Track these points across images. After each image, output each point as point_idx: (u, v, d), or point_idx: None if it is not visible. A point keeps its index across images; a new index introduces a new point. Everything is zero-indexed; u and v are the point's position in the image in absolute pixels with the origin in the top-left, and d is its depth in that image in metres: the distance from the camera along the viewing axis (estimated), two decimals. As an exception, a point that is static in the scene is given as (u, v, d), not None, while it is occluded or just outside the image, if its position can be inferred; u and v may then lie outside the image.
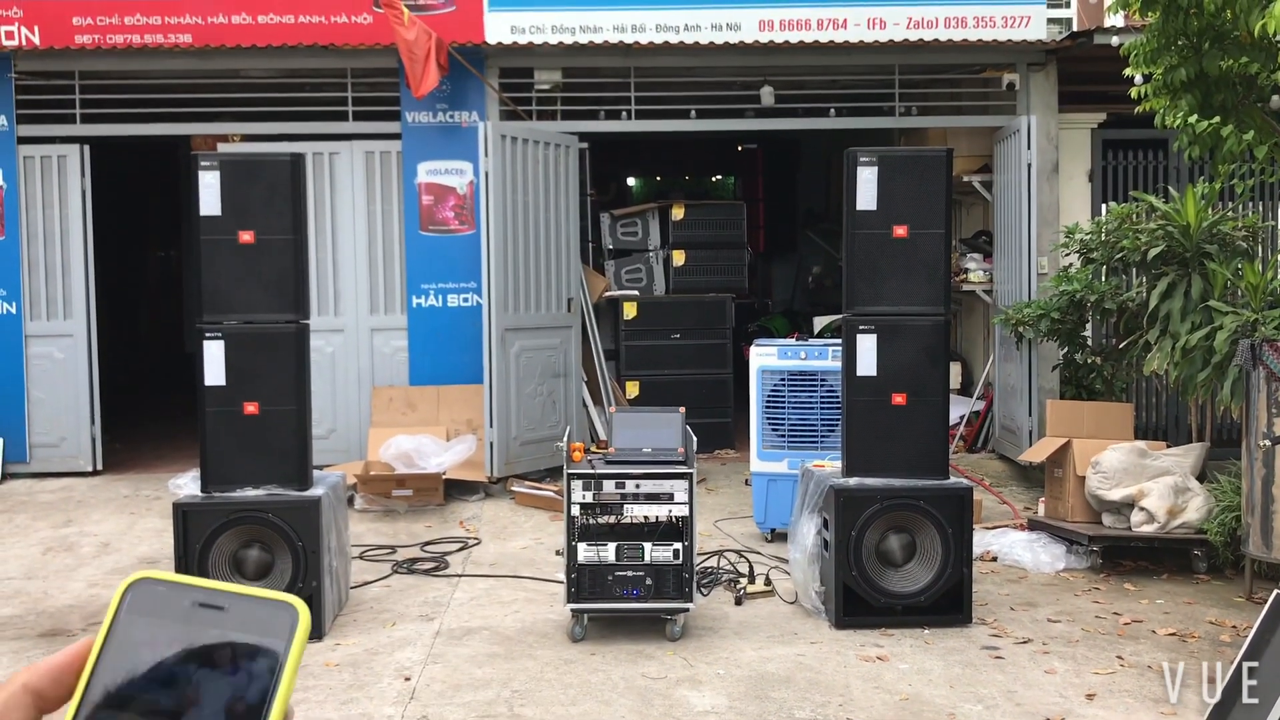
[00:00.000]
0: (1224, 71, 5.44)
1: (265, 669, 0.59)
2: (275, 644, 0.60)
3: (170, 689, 0.58)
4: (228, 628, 0.60)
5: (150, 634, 0.59)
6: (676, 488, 5.01)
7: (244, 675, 0.59)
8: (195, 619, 0.60)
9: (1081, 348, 7.76)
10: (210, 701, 0.58)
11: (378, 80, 8.53)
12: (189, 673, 0.59)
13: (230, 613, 0.60)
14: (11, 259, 8.47)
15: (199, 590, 0.61)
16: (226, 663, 0.59)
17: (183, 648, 0.59)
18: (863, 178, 5.21)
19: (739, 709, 4.26)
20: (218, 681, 0.59)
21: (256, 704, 0.58)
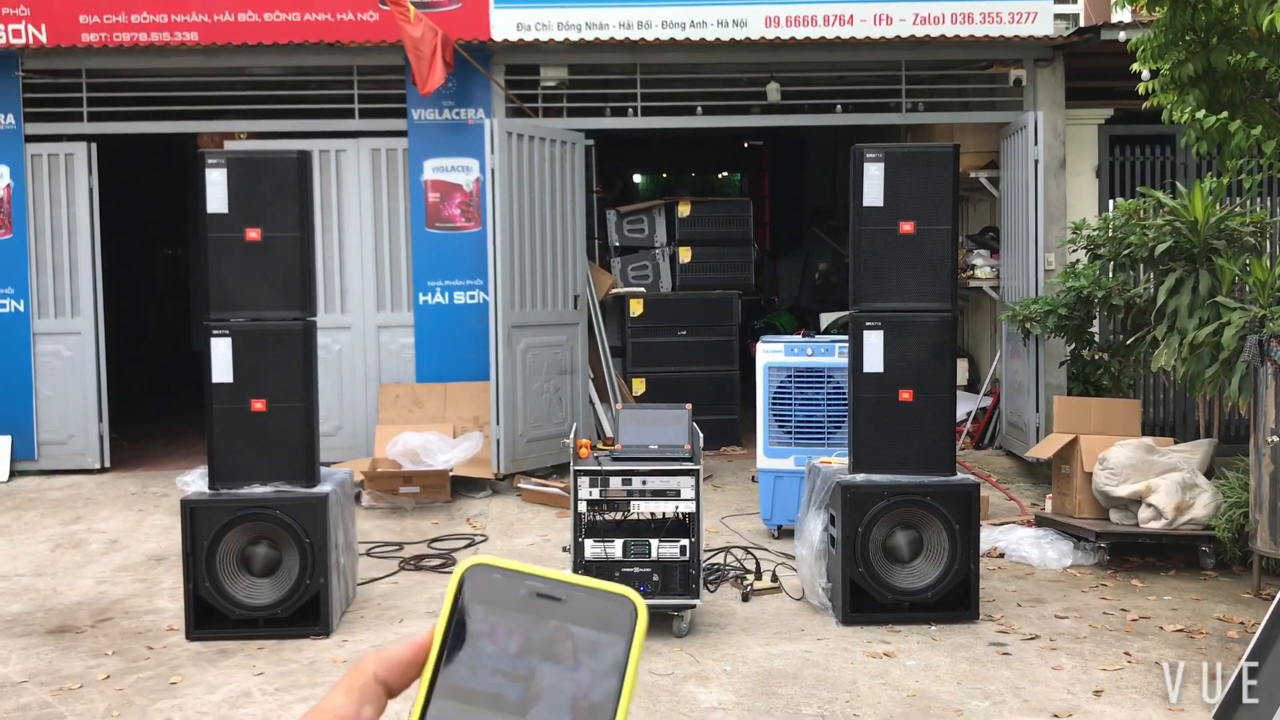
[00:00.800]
0: (1232, 66, 5.43)
1: (608, 666, 0.57)
2: (616, 640, 0.58)
3: (514, 682, 0.57)
4: (567, 620, 0.58)
5: (490, 624, 0.58)
6: (683, 484, 5.01)
7: (586, 671, 0.57)
8: (534, 609, 0.58)
9: (1089, 344, 7.75)
10: (554, 696, 0.56)
11: (384, 77, 8.53)
12: (531, 666, 0.57)
13: (569, 605, 0.58)
14: (19, 257, 8.49)
15: (536, 580, 0.58)
16: (569, 657, 0.57)
17: (524, 639, 0.57)
18: (869, 174, 5.20)
19: (746, 705, 4.26)
20: (561, 676, 0.57)
21: (601, 701, 0.56)
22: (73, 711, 4.24)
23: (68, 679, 4.60)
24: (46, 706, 4.32)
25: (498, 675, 0.57)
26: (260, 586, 5.08)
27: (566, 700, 0.56)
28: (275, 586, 5.06)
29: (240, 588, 5.05)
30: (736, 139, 14.22)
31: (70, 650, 4.97)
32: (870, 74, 8.85)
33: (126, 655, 4.89)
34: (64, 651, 4.95)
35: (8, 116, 8.45)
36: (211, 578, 4.98)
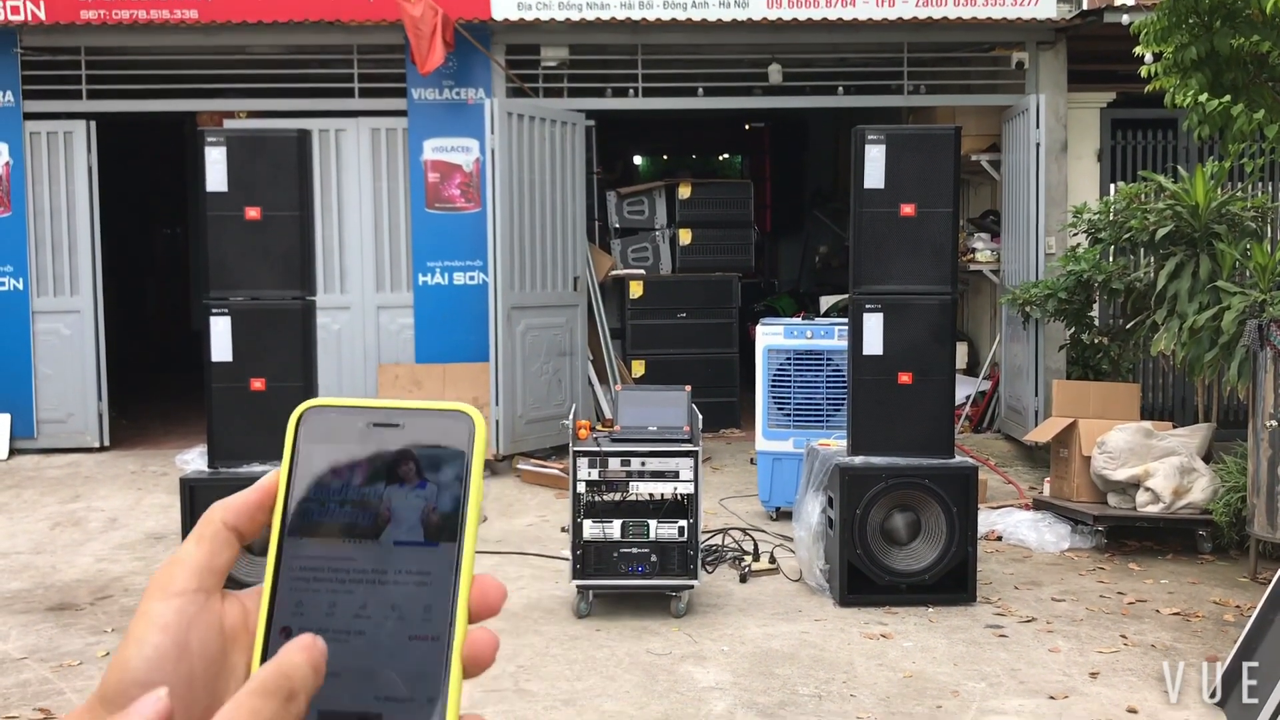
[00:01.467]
0: (1235, 50, 5.41)
1: (451, 477, 0.59)
2: (456, 451, 0.59)
3: (363, 509, 0.58)
4: (407, 443, 0.59)
5: (331, 459, 0.59)
6: (682, 465, 5.01)
7: (432, 486, 0.58)
8: (373, 439, 0.59)
9: (1088, 328, 7.75)
10: (404, 516, 0.58)
11: (384, 57, 8.50)
12: (378, 491, 0.58)
13: (406, 428, 0.59)
14: (18, 235, 8.47)
15: (371, 411, 0.60)
16: (413, 477, 0.59)
17: (367, 468, 0.59)
18: (871, 156, 5.19)
19: (743, 685, 4.27)
20: (408, 495, 0.58)
21: (450, 510, 0.58)
22: (72, 688, 4.26)
23: (67, 655, 4.62)
24: (46, 683, 4.33)
25: (346, 505, 0.58)
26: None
27: (416, 515, 0.58)
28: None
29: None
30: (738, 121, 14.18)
31: (70, 627, 4.98)
32: (872, 56, 8.83)
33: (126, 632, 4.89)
34: (64, 628, 4.97)
35: (6, 94, 8.42)
36: (211, 556, 4.98)
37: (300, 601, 0.57)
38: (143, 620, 0.55)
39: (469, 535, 0.58)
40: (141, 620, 0.55)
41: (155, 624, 0.55)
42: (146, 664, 0.54)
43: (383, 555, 0.58)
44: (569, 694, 4.20)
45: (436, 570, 0.58)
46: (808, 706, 4.08)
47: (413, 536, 0.58)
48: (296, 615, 0.57)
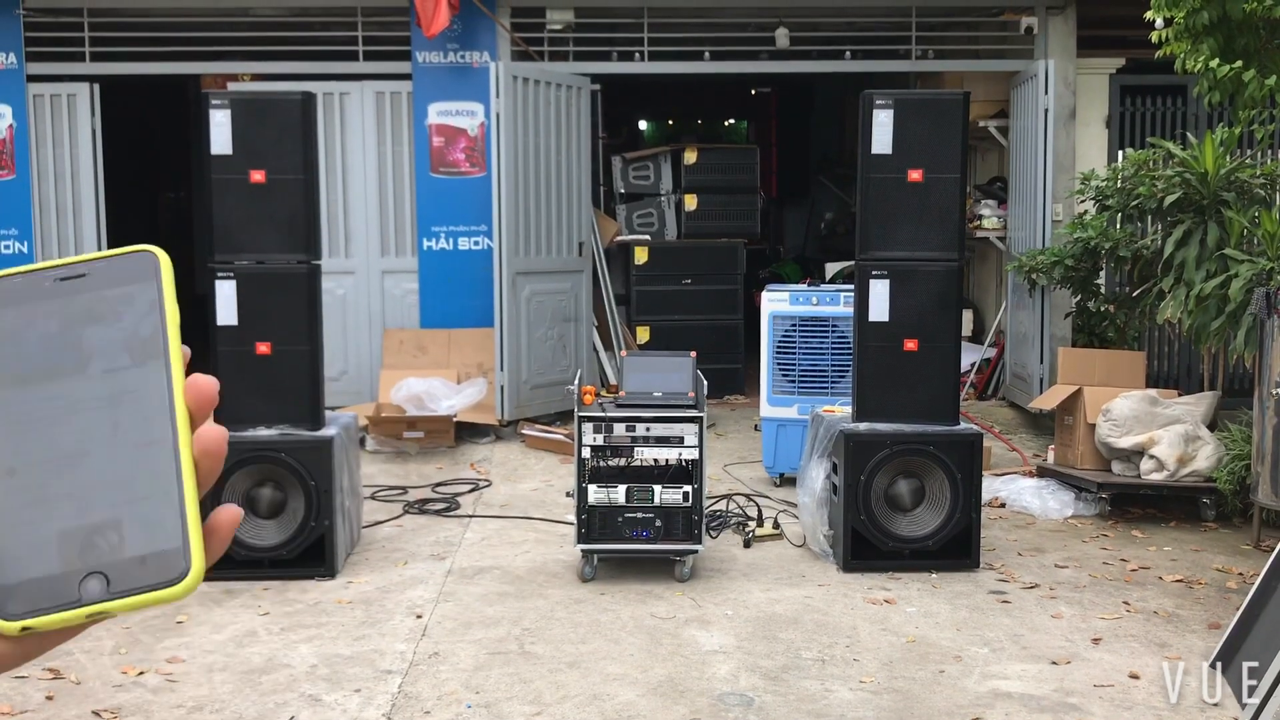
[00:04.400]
0: (1247, 15, 5.35)
1: (145, 307, 0.63)
2: (146, 285, 0.63)
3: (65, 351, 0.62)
4: (96, 288, 0.63)
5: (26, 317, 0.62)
6: (687, 431, 5.02)
7: (129, 318, 0.62)
8: (63, 292, 0.63)
9: (1095, 295, 7.72)
10: (107, 347, 0.62)
11: (388, 19, 8.44)
12: (77, 333, 0.62)
13: (93, 276, 0.63)
14: (22, 198, 8.46)
15: (54, 269, 0.63)
16: (109, 314, 0.62)
17: (61, 318, 0.62)
18: (878, 121, 5.16)
19: (746, 649, 4.30)
20: (107, 330, 0.62)
21: (150, 334, 0.62)
22: (81, 649, 4.29)
23: (75, 617, 4.65)
24: (55, 644, 4.37)
25: (49, 351, 0.62)
26: (265, 528, 5.11)
27: (119, 344, 0.62)
28: (280, 528, 5.09)
29: (246, 529, 5.08)
30: (744, 85, 14.09)
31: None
32: (880, 20, 8.75)
33: (133, 594, 4.93)
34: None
35: (9, 56, 8.38)
36: (217, 519, 5.00)
37: (19, 443, 0.60)
38: None
39: (173, 349, 0.62)
40: None
41: None
42: None
43: (93, 385, 0.61)
44: (574, 657, 4.23)
45: (148, 386, 0.62)
46: (811, 670, 4.11)
47: (120, 362, 0.62)
48: (17, 455, 0.60)
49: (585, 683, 4.00)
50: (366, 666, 4.16)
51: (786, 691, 3.93)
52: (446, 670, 4.12)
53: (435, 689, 3.96)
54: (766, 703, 3.84)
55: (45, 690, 3.95)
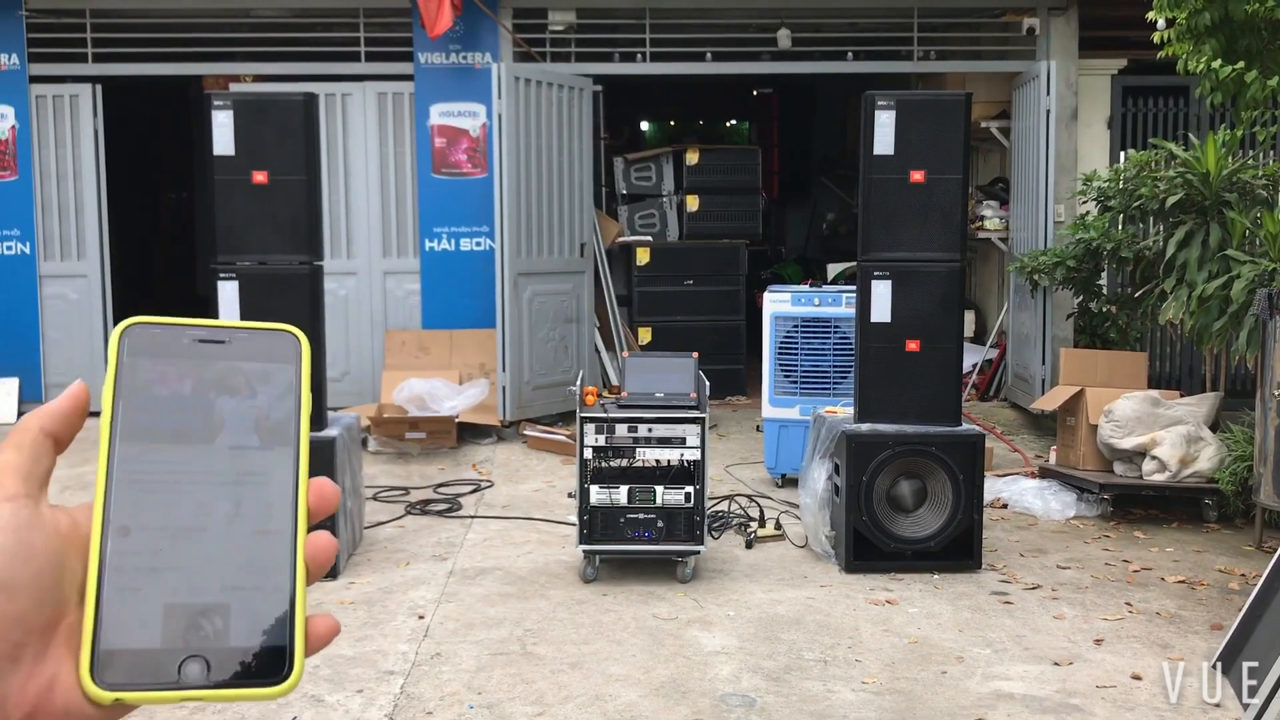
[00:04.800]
0: (1249, 16, 5.35)
1: (282, 389, 0.61)
2: (285, 367, 0.61)
3: (195, 416, 0.59)
4: (234, 358, 0.60)
5: (159, 371, 0.60)
6: (689, 432, 5.02)
7: (263, 397, 0.60)
8: (200, 354, 0.60)
9: (1097, 296, 7.72)
10: (238, 423, 0.60)
11: (390, 20, 8.45)
12: (209, 400, 0.60)
13: (233, 345, 0.61)
14: (24, 199, 8.46)
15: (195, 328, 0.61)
16: (243, 388, 0.60)
17: (196, 379, 0.60)
18: (880, 121, 5.16)
19: (748, 649, 4.30)
20: (239, 405, 0.60)
21: (282, 419, 0.60)
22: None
23: (78, 617, 4.65)
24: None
25: (178, 413, 0.59)
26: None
27: (250, 423, 0.60)
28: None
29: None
30: (746, 86, 14.09)
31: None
32: (882, 21, 8.75)
33: (136, 595, 4.93)
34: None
35: (11, 57, 8.39)
36: (219, 520, 5.01)
37: (138, 502, 0.58)
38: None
39: (303, 440, 0.60)
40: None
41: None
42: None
43: (219, 458, 0.59)
44: (576, 657, 4.23)
45: (274, 472, 0.59)
46: (813, 671, 4.11)
47: (248, 441, 0.59)
48: (135, 515, 0.58)
49: (587, 683, 4.00)
50: (368, 667, 4.16)
51: (789, 692, 3.93)
52: (448, 671, 4.13)
53: (437, 689, 3.97)
54: (768, 703, 3.84)
55: (48, 690, 3.94)
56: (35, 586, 0.54)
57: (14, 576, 0.54)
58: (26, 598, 0.54)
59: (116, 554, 0.57)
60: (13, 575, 0.54)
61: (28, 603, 0.54)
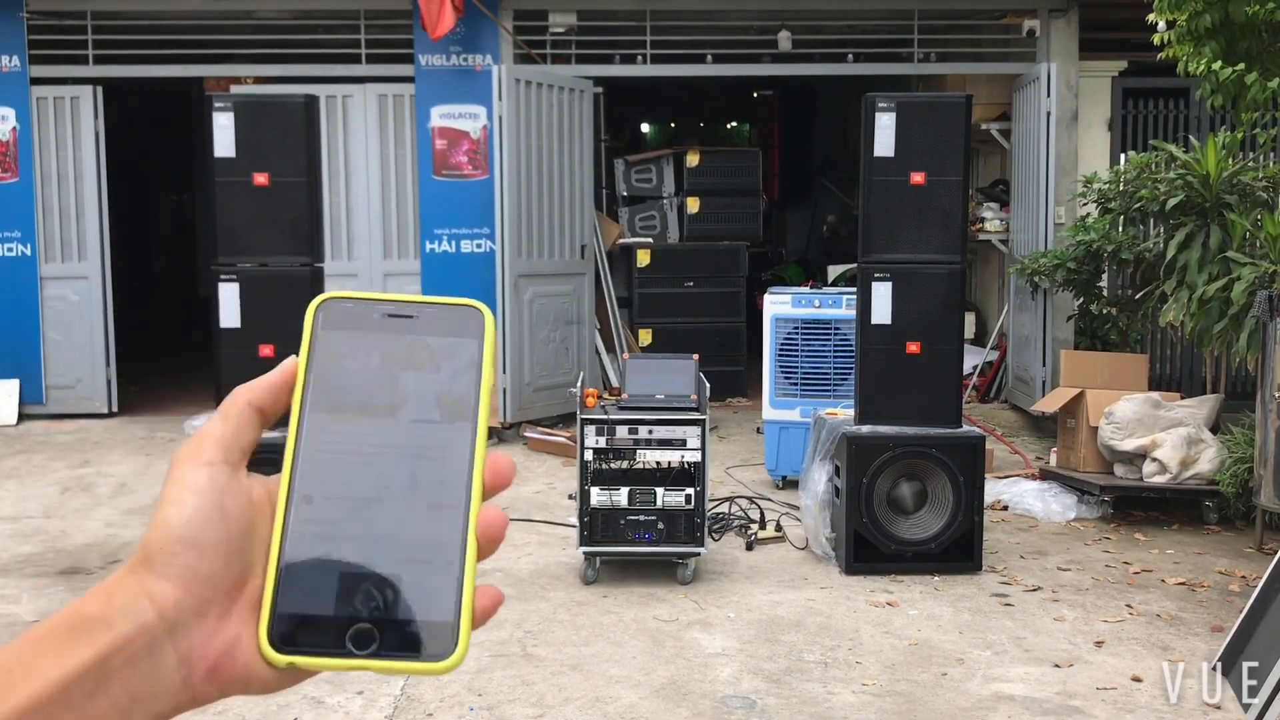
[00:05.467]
0: (1250, 18, 5.36)
1: (464, 364, 0.61)
2: (469, 342, 0.62)
3: (380, 390, 0.60)
4: (421, 333, 0.61)
5: (349, 345, 0.61)
6: (689, 434, 5.02)
7: (446, 371, 0.61)
8: (388, 327, 0.61)
9: (1097, 298, 7.72)
10: (420, 397, 0.60)
11: (391, 22, 8.45)
12: (394, 374, 0.61)
13: (420, 319, 0.62)
14: (25, 201, 8.47)
15: (385, 303, 0.62)
16: (427, 363, 0.61)
17: (383, 353, 0.61)
18: (881, 123, 5.16)
19: (749, 651, 4.30)
20: (423, 379, 0.61)
21: (464, 393, 0.61)
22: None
23: (78, 619, 4.65)
24: (58, 645, 4.37)
25: (364, 385, 0.61)
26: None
27: (432, 397, 0.60)
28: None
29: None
30: (746, 89, 14.10)
31: (81, 591, 4.99)
32: (882, 23, 8.76)
33: (136, 596, 4.94)
34: (75, 592, 5.01)
35: (12, 58, 8.39)
36: (220, 521, 5.01)
37: (321, 471, 0.59)
38: (177, 485, 0.57)
39: (483, 415, 0.61)
40: (176, 485, 0.57)
41: (189, 487, 0.57)
42: (187, 523, 0.56)
43: (400, 431, 0.60)
44: (576, 659, 4.23)
45: (452, 446, 0.60)
46: (813, 673, 4.11)
47: (429, 415, 0.60)
48: (319, 484, 0.59)
49: (588, 685, 4.00)
50: (369, 668, 4.15)
51: (789, 694, 3.93)
52: (449, 672, 4.12)
53: (437, 691, 3.97)
54: (769, 705, 3.84)
55: (48, 692, 3.95)
56: (224, 548, 0.57)
57: (205, 537, 0.56)
58: (216, 557, 0.56)
59: (299, 521, 0.58)
60: (204, 535, 0.56)
61: (216, 562, 0.56)
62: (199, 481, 0.57)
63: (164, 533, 0.56)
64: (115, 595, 0.55)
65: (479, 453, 0.60)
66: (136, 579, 0.56)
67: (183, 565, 0.56)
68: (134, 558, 0.57)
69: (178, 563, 0.56)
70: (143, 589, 0.55)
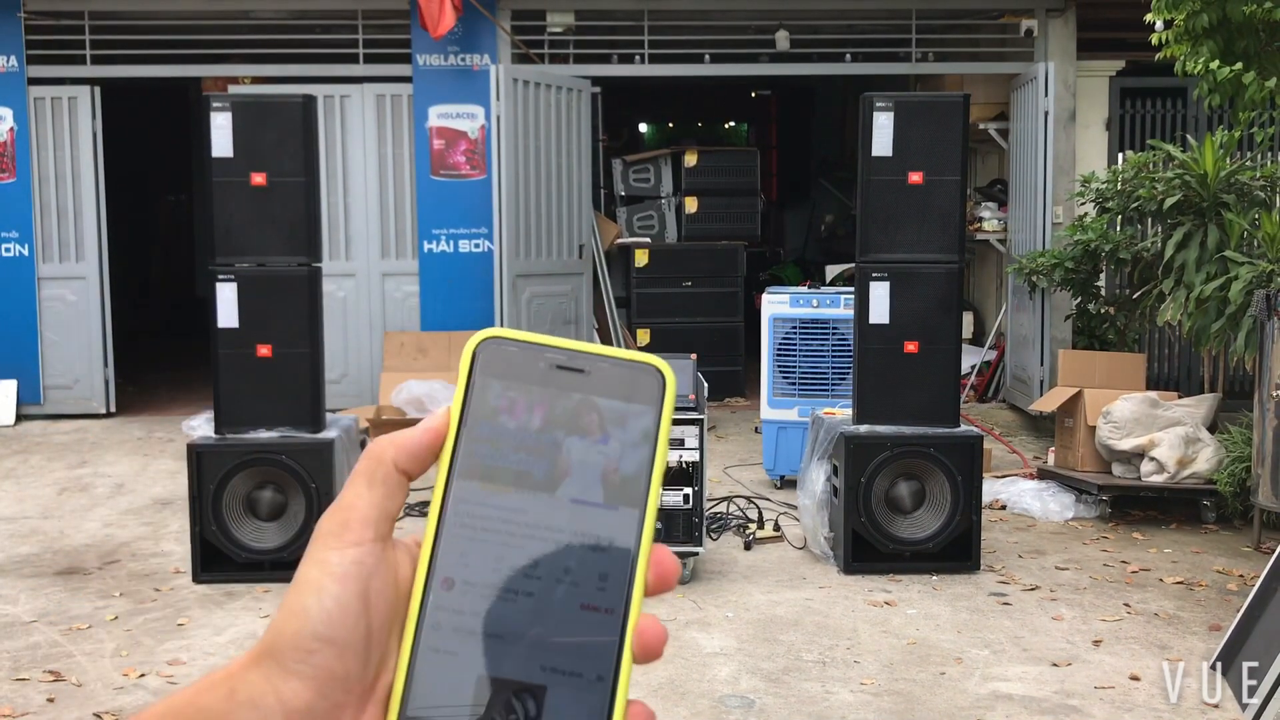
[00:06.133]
0: (1247, 17, 5.36)
1: (637, 436, 0.52)
2: (644, 410, 0.53)
3: (539, 457, 0.52)
4: (591, 392, 0.53)
5: (509, 399, 0.53)
6: (687, 433, 5.02)
7: (615, 443, 0.52)
8: (555, 382, 0.53)
9: (1095, 298, 7.73)
10: (583, 470, 0.52)
11: (388, 22, 8.45)
12: (557, 440, 0.52)
13: (592, 376, 0.53)
14: (23, 201, 8.46)
15: (555, 351, 0.53)
16: (596, 430, 0.52)
17: (546, 413, 0.52)
18: (879, 123, 5.16)
19: (748, 650, 4.30)
20: (589, 449, 0.52)
21: (633, 473, 0.52)
22: (82, 651, 4.29)
23: (76, 619, 4.65)
24: (56, 646, 4.37)
25: (521, 451, 0.52)
26: (266, 530, 5.11)
27: (596, 473, 0.52)
28: (281, 531, 5.09)
29: (246, 531, 5.08)
30: (744, 88, 14.11)
31: (78, 591, 5.02)
32: (880, 23, 8.76)
33: (134, 597, 4.93)
34: (72, 593, 5.00)
35: (10, 59, 8.39)
36: (218, 521, 5.01)
37: (465, 552, 0.52)
38: (318, 568, 0.51)
39: (652, 502, 0.52)
40: (317, 568, 0.51)
41: (333, 574, 0.51)
42: (327, 615, 0.50)
43: (558, 511, 0.52)
44: (574, 659, 4.23)
45: (615, 536, 0.52)
46: (812, 672, 4.11)
47: (591, 496, 0.52)
48: (461, 566, 0.52)
49: (586, 685, 4.00)
50: (367, 669, 4.15)
51: (787, 693, 3.93)
52: (447, 672, 4.12)
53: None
54: (767, 705, 3.85)
55: (46, 693, 3.95)
56: (364, 645, 0.51)
57: (346, 634, 0.50)
58: (355, 657, 0.50)
59: (437, 608, 0.51)
60: (345, 632, 0.50)
61: (355, 663, 0.50)
62: (344, 566, 0.51)
63: (300, 625, 0.50)
64: (239, 689, 0.50)
65: (644, 549, 0.52)
66: (264, 674, 0.50)
67: (318, 664, 0.50)
68: (261, 646, 0.51)
69: (313, 661, 0.50)
70: (270, 686, 0.50)
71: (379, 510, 0.53)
